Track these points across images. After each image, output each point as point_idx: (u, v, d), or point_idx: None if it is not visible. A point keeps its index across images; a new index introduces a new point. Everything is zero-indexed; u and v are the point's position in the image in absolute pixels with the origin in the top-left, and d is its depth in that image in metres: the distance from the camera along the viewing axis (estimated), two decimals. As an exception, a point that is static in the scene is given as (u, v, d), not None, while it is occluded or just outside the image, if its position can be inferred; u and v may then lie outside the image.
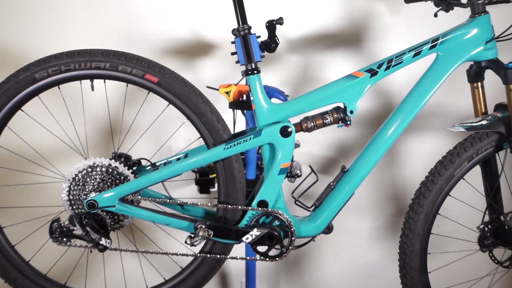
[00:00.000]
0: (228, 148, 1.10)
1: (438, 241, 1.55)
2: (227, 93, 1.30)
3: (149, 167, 1.22)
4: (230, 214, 1.16)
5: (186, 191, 1.69)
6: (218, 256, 1.16)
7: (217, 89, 1.29)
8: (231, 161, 1.13)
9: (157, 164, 1.22)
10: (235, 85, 1.30)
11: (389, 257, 1.81)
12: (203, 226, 1.11)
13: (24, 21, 1.52)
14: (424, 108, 1.14)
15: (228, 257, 1.18)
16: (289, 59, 1.63)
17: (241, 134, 1.17)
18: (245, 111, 1.39)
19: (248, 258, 1.17)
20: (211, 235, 1.09)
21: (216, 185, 1.52)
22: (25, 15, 1.52)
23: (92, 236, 1.06)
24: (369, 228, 1.80)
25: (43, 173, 1.32)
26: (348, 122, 1.13)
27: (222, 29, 1.41)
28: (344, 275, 1.87)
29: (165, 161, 1.22)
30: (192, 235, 1.09)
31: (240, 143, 1.10)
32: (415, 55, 1.11)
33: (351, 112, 1.12)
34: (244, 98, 1.38)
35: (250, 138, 1.10)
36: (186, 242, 1.08)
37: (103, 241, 1.07)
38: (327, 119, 1.13)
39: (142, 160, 1.23)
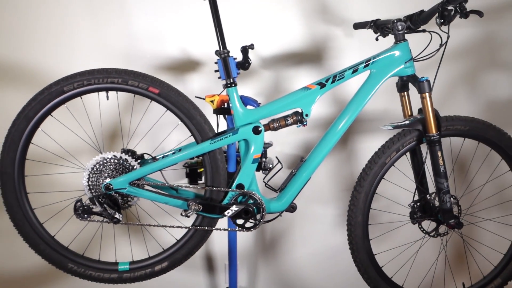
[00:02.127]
0: (213, 143, 1.43)
1: (379, 215, 1.90)
2: (211, 101, 1.63)
3: (150, 160, 1.54)
4: (215, 195, 1.49)
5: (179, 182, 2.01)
6: (206, 228, 1.49)
7: (204, 98, 1.63)
8: (215, 153, 1.47)
9: (157, 157, 1.54)
10: (218, 95, 1.64)
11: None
12: (194, 203, 1.43)
13: (36, 43, 1.82)
14: (373, 113, 1.44)
15: (213, 228, 1.50)
16: (262, 73, 1.96)
17: (223, 133, 1.50)
18: (226, 115, 1.72)
19: (229, 229, 1.50)
20: (201, 209, 1.42)
21: (203, 178, 1.87)
22: (37, 39, 1.82)
23: (108, 211, 1.37)
24: (332, 215, 2.11)
25: (67, 164, 1.65)
26: (305, 123, 1.48)
27: (207, 49, 1.70)
28: (312, 256, 2.17)
29: (163, 155, 1.55)
30: (186, 209, 1.42)
31: (222, 139, 1.43)
32: (353, 71, 1.46)
33: (306, 115, 1.47)
34: (225, 105, 1.72)
35: (230, 135, 1.44)
36: (181, 214, 1.41)
37: (117, 215, 1.39)
38: (288, 120, 1.47)
39: (144, 155, 1.56)
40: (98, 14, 1.83)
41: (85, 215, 1.42)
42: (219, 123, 1.65)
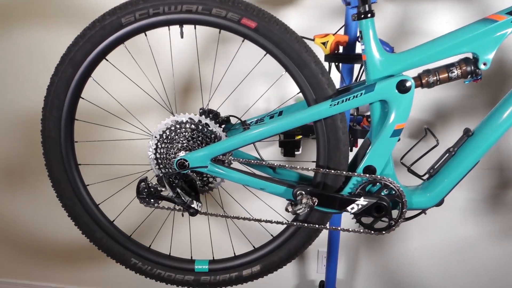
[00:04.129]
0: (335, 104, 0.95)
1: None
2: (323, 43, 1.14)
3: (239, 125, 1.10)
4: (331, 180, 1.03)
5: (266, 153, 1.57)
6: (317, 226, 1.04)
7: (312, 39, 1.14)
8: (335, 120, 0.99)
9: (247, 121, 1.10)
10: (333, 34, 1.14)
11: (484, 232, 1.64)
12: (304, 193, 0.98)
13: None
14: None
15: (328, 227, 1.06)
16: (384, 8, 1.43)
17: (348, 90, 1.01)
18: (341, 64, 1.23)
19: (350, 230, 1.03)
20: (315, 203, 0.97)
21: (300, 148, 1.40)
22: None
23: (183, 198, 0.96)
24: (465, 200, 1.62)
25: (127, 129, 1.24)
26: (479, 77, 0.94)
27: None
28: (430, 249, 1.71)
29: (256, 119, 1.10)
30: (294, 203, 0.97)
31: (349, 99, 0.95)
32: None
33: (484, 64, 0.93)
34: (341, 50, 1.22)
35: (361, 94, 0.94)
36: (287, 210, 0.97)
37: (194, 205, 0.98)
38: (454, 72, 0.94)
39: (230, 118, 1.11)
40: None
41: (151, 200, 1.03)
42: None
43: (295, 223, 1.05)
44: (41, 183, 1.78)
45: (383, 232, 1.02)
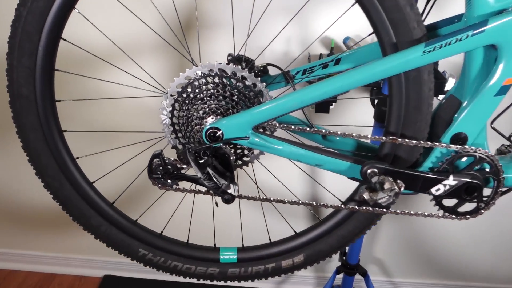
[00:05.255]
0: (429, 51, 0.68)
1: None
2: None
3: (279, 79, 0.82)
4: (405, 152, 0.78)
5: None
6: (385, 210, 0.81)
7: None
8: (421, 73, 0.72)
9: (290, 73, 0.82)
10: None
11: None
12: (376, 171, 0.74)
13: None
14: None
15: (391, 211, 0.83)
16: None
17: (432, 29, 0.74)
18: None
19: (426, 214, 0.81)
20: (402, 189, 0.73)
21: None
22: None
23: (217, 181, 0.70)
24: None
25: (129, 82, 0.90)
26: None
27: None
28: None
29: (303, 69, 0.82)
30: (370, 187, 0.72)
31: (449, 44, 0.68)
32: None
33: None
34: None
35: (467, 36, 0.67)
36: (363, 199, 0.72)
37: (231, 189, 0.72)
38: None
39: (268, 66, 0.83)
40: None
41: (169, 182, 0.76)
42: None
43: (355, 207, 0.81)
44: (14, 141, 1.47)
45: (468, 216, 0.80)
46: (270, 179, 1.00)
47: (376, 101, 1.09)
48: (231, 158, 0.74)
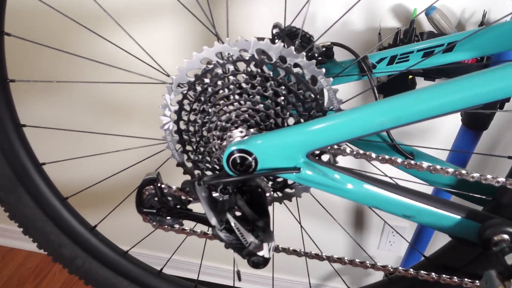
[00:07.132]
0: None
1: None
2: None
3: (351, 69, 0.52)
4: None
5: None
6: None
7: None
8: None
9: (372, 62, 0.51)
10: None
11: None
12: (507, 238, 0.44)
13: None
14: None
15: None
16: None
17: None
18: None
19: None
20: None
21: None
22: None
23: (242, 238, 0.43)
24: None
25: (117, 63, 0.60)
26: None
27: None
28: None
29: (390, 55, 0.51)
30: (506, 276, 0.42)
31: None
32: None
33: None
34: None
35: None
36: (500, 280, 0.43)
37: (264, 250, 0.44)
38: None
39: (331, 45, 0.53)
40: None
41: (168, 220, 0.49)
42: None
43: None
44: None
45: None
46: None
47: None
48: (267, 194, 0.46)
